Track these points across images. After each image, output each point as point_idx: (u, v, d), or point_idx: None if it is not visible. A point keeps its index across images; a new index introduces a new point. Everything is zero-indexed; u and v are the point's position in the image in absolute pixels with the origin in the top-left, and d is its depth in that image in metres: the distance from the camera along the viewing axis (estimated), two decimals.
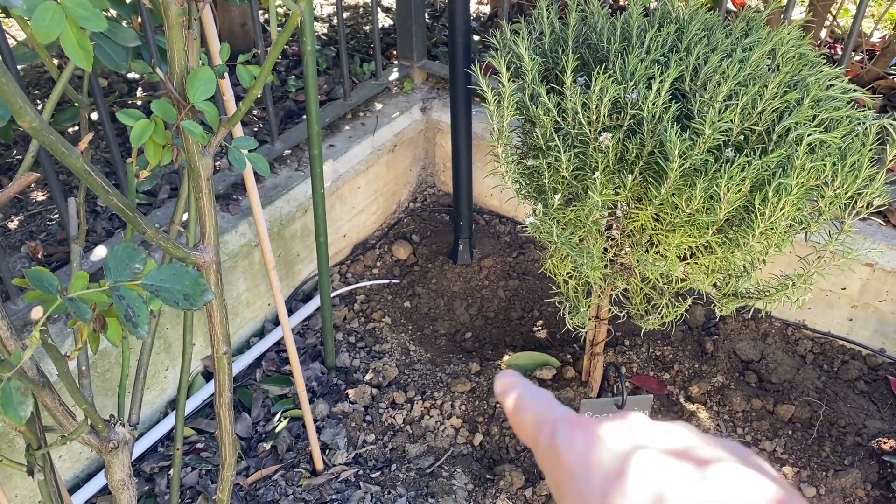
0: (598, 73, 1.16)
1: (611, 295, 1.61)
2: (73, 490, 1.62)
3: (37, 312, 0.68)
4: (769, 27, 1.28)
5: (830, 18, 2.53)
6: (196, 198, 0.93)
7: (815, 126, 1.16)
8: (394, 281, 2.20)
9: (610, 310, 1.61)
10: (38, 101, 2.31)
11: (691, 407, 1.88)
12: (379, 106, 2.34)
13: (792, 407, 1.85)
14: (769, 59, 1.24)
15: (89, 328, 0.76)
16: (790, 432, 1.81)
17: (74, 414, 0.96)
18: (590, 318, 1.71)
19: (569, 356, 1.99)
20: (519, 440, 1.78)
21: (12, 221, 1.91)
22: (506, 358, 1.97)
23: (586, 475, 0.33)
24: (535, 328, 2.10)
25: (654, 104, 1.14)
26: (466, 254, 2.21)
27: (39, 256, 1.84)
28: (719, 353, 2.00)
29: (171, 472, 1.25)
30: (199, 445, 1.73)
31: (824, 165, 1.14)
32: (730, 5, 2.42)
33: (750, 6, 2.19)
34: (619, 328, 2.05)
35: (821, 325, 2.03)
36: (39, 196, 1.99)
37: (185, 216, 1.13)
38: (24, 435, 0.96)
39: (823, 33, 2.52)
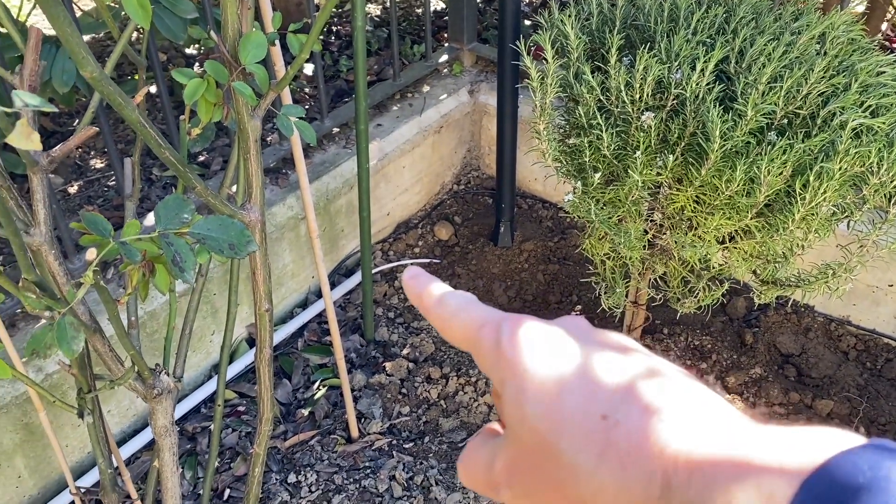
0: (643, 52, 1.17)
1: (650, 279, 1.61)
2: (119, 444, 1.70)
3: (91, 254, 0.73)
4: (820, 13, 1.27)
5: (893, 11, 2.46)
6: (244, 158, 0.97)
7: (863, 112, 1.15)
8: (434, 260, 2.23)
9: (648, 294, 1.61)
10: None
11: (727, 397, 1.87)
12: (427, 87, 2.36)
13: (831, 402, 1.83)
14: (818, 44, 1.23)
15: (139, 274, 0.80)
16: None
17: (123, 361, 1.01)
18: (628, 303, 1.71)
19: None
20: None
21: (72, 186, 1.99)
22: None
23: (527, 373, 0.33)
24: (573, 313, 2.11)
25: (697, 84, 1.14)
26: (507, 236, 2.23)
27: None
28: (759, 345, 1.98)
29: (213, 426, 1.30)
30: (241, 408, 1.79)
31: (869, 152, 1.13)
32: None
33: None
34: (657, 316, 2.04)
35: (866, 321, 2.00)
36: (98, 164, 2.07)
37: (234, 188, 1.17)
38: (75, 378, 1.02)
39: (884, 26, 2.46)
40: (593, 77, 1.23)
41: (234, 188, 1.17)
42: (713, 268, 1.40)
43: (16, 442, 1.52)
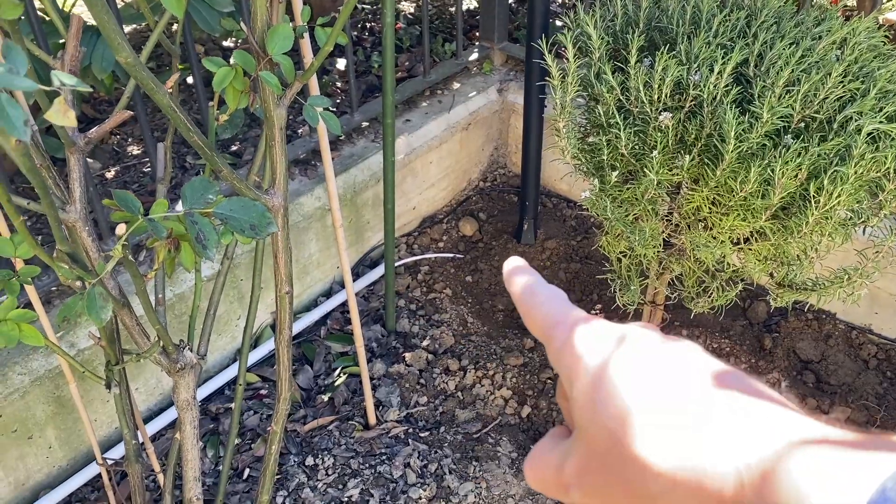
0: (663, 53, 1.19)
1: (668, 279, 1.63)
2: (145, 421, 1.76)
3: (120, 229, 0.77)
4: (842, 18, 1.27)
5: None
6: (269, 145, 1.02)
7: (881, 118, 1.16)
8: (458, 255, 2.26)
9: (665, 293, 1.62)
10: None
11: None
12: (457, 85, 2.40)
13: (848, 410, 1.82)
14: (839, 49, 1.24)
15: (165, 250, 0.85)
16: None
17: (149, 337, 1.06)
18: (646, 303, 1.73)
19: None
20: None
21: (109, 171, 2.06)
22: None
23: (598, 372, 0.34)
24: (593, 311, 2.13)
25: (714, 86, 1.16)
26: (530, 234, 2.25)
27: None
28: (778, 350, 1.98)
29: (234, 404, 1.35)
30: (263, 391, 1.84)
31: (886, 157, 1.14)
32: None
33: (846, 5, 2.14)
34: (676, 318, 2.05)
35: (888, 331, 1.99)
36: (135, 150, 2.14)
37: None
38: (104, 350, 1.07)
39: None
40: (613, 77, 1.25)
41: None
42: (728, 269, 1.41)
43: (48, 414, 1.59)
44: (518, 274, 0.42)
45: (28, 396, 1.54)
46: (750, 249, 1.33)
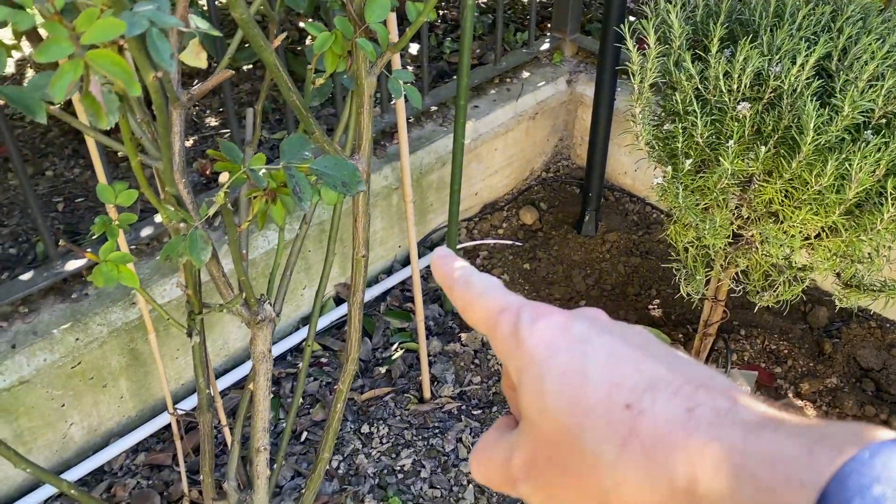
0: (744, 43, 1.19)
1: (732, 273, 1.63)
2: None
3: (224, 177, 0.82)
4: None
5: None
6: (357, 112, 1.06)
7: None
8: (517, 243, 2.29)
9: (728, 286, 1.63)
10: (228, 41, 2.55)
11: (799, 403, 1.86)
12: (526, 74, 2.42)
13: None
14: None
15: (261, 202, 0.90)
16: None
17: (233, 288, 1.11)
18: (707, 298, 1.73)
19: (681, 336, 2.01)
20: None
21: (188, 141, 2.14)
22: None
23: (548, 362, 0.32)
24: (651, 306, 2.13)
25: (796, 78, 1.16)
26: (591, 226, 2.27)
27: (207, 173, 2.06)
28: (838, 355, 1.96)
29: (301, 365, 1.40)
30: (324, 360, 1.90)
31: None
32: None
33: None
34: (736, 317, 2.05)
35: None
36: (213, 122, 2.21)
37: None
38: (188, 299, 1.13)
39: None
40: (693, 66, 1.26)
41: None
42: (795, 266, 1.41)
43: (122, 365, 1.67)
44: (447, 263, 0.39)
45: (105, 346, 1.62)
46: (820, 245, 1.32)
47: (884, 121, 1.18)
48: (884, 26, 1.23)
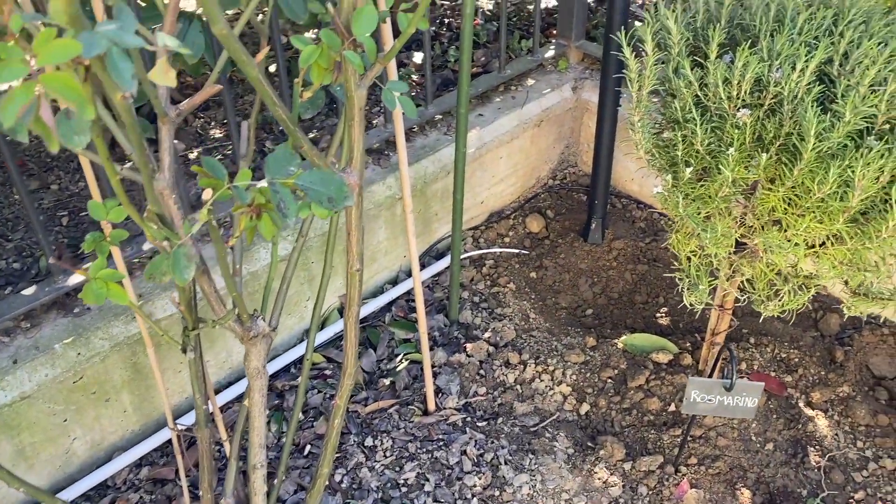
0: (744, 49, 1.17)
1: (738, 283, 1.60)
2: (215, 393, 1.82)
3: (207, 194, 0.81)
4: None
5: None
6: (348, 125, 1.05)
7: None
8: (523, 251, 2.27)
9: (734, 295, 1.60)
10: None
11: (810, 412, 1.83)
12: (531, 81, 2.40)
13: None
14: None
15: (247, 218, 0.89)
16: None
17: (226, 304, 1.11)
18: (714, 307, 1.70)
19: (688, 344, 1.98)
20: (625, 416, 1.81)
21: (192, 152, 2.14)
22: (623, 337, 1.99)
23: None
24: (659, 314, 2.11)
25: (796, 84, 1.14)
26: (598, 233, 2.24)
27: None
28: (850, 363, 1.92)
29: (301, 379, 1.39)
30: (327, 372, 1.88)
31: None
32: None
33: None
34: (745, 325, 2.02)
35: None
36: (217, 134, 2.22)
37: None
38: (182, 314, 1.12)
39: None
40: (692, 73, 1.24)
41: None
42: (800, 274, 1.38)
43: (124, 379, 1.67)
44: None
45: (107, 361, 1.62)
46: (825, 254, 1.30)
47: (887, 126, 1.16)
48: (887, 30, 1.21)
